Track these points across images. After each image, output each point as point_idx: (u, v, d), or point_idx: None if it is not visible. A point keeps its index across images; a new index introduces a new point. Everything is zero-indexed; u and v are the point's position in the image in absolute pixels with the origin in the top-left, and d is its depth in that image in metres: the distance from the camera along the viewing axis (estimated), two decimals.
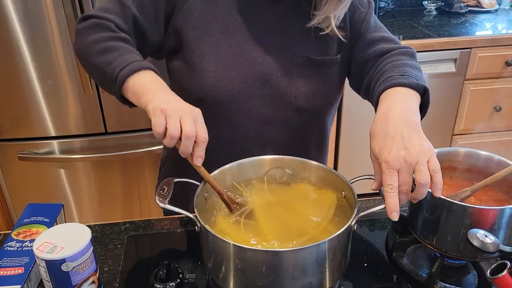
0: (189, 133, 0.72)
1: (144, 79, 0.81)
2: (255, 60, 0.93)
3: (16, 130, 1.87)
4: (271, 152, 0.90)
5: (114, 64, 0.82)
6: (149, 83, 0.80)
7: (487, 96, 2.24)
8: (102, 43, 0.85)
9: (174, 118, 0.72)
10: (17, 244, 0.82)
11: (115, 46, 0.85)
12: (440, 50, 2.10)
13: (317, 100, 0.97)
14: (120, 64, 0.81)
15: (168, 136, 0.72)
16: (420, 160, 0.69)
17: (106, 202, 2.05)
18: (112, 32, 0.88)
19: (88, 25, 0.89)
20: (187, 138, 0.72)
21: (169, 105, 0.74)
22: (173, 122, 0.72)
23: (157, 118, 0.73)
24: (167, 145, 0.74)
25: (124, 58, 0.82)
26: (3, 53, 1.73)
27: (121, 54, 0.83)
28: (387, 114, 0.76)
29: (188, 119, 0.73)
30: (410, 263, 0.84)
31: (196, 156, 0.75)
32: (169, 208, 0.75)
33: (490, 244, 0.69)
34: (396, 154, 0.70)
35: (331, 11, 0.89)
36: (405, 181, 0.69)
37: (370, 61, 0.95)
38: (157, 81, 0.81)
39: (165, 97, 0.77)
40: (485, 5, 2.56)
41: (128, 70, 0.80)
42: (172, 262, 0.81)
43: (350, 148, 2.27)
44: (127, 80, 0.80)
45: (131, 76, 0.80)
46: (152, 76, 0.82)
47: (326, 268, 0.72)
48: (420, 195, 0.70)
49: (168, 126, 0.72)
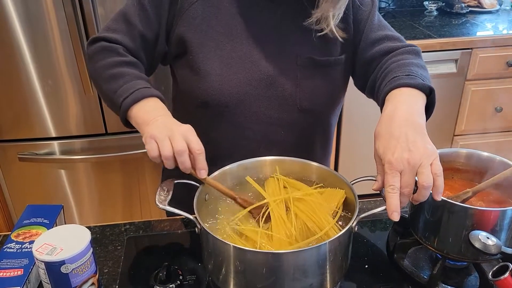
0: (179, 149, 0.74)
1: (146, 108, 0.83)
2: (259, 62, 0.93)
3: (16, 130, 1.87)
4: (271, 154, 0.90)
5: (118, 93, 0.85)
6: (150, 112, 0.83)
7: (488, 96, 2.23)
8: (109, 70, 0.89)
9: (164, 140, 0.75)
10: (16, 245, 0.81)
11: (121, 73, 0.88)
12: (440, 50, 2.10)
13: (321, 100, 0.97)
14: (124, 93, 0.84)
15: (163, 158, 0.75)
16: (424, 162, 0.69)
17: (106, 203, 2.05)
18: (120, 56, 0.91)
19: (97, 49, 0.92)
20: (179, 155, 0.75)
21: (158, 130, 0.77)
22: (163, 144, 0.75)
23: (148, 144, 0.76)
24: (168, 167, 0.76)
25: (128, 86, 0.85)
26: (3, 53, 1.73)
27: (126, 81, 0.87)
28: (393, 116, 0.75)
29: (176, 136, 0.75)
30: (411, 264, 0.84)
31: (198, 169, 0.77)
32: (169, 209, 0.75)
33: (492, 246, 0.69)
34: (400, 155, 0.70)
35: (329, 9, 0.88)
36: (407, 183, 0.69)
37: (375, 60, 0.94)
38: (157, 109, 0.84)
39: (162, 123, 0.79)
40: (486, 6, 2.55)
41: (131, 100, 0.83)
42: (172, 264, 0.81)
43: (351, 149, 2.26)
44: (130, 109, 0.84)
45: (133, 105, 0.83)
46: (154, 103, 0.84)
47: (327, 270, 0.71)
48: (422, 198, 0.70)
49: (160, 149, 0.75)
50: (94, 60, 0.92)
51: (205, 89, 0.93)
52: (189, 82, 0.96)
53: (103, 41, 0.93)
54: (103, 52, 0.91)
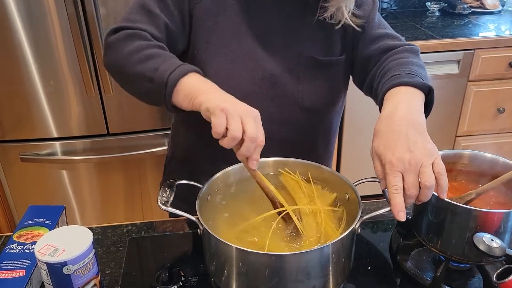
0: (253, 135, 0.70)
1: (196, 80, 0.79)
2: (263, 61, 0.93)
3: (18, 131, 1.87)
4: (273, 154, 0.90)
5: (161, 69, 0.79)
6: (201, 84, 0.78)
7: (491, 97, 2.23)
8: (142, 52, 0.82)
9: (236, 119, 0.70)
10: (18, 246, 0.81)
11: (157, 53, 0.82)
12: (443, 51, 2.10)
13: (323, 99, 0.97)
14: (169, 68, 0.78)
15: (229, 137, 0.69)
16: (425, 162, 0.68)
17: (108, 204, 2.05)
18: (149, 40, 0.85)
19: (122, 36, 0.86)
20: (251, 141, 0.70)
21: (230, 105, 0.71)
22: (234, 123, 0.69)
23: (217, 118, 0.70)
24: (225, 146, 0.71)
25: (170, 63, 0.80)
26: (5, 53, 1.73)
27: (165, 59, 0.81)
28: (392, 114, 0.75)
29: (250, 120, 0.71)
30: (414, 266, 0.83)
31: (253, 159, 0.73)
32: (171, 210, 0.75)
33: (496, 248, 0.68)
34: (401, 156, 0.69)
35: (342, 1, 0.88)
36: (411, 184, 0.69)
37: (374, 58, 0.94)
38: (208, 82, 0.79)
39: (222, 95, 0.75)
40: (488, 6, 2.55)
41: (179, 73, 0.78)
42: (174, 265, 0.81)
43: (353, 150, 2.26)
44: (179, 83, 0.77)
45: (181, 78, 0.78)
46: (202, 78, 0.80)
47: (329, 271, 0.71)
48: (425, 198, 0.69)
49: (229, 126, 0.69)
50: (118, 47, 0.85)
51: None
52: None
53: (127, 29, 0.86)
54: (129, 38, 0.85)
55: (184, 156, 1.08)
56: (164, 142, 1.94)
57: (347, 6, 0.90)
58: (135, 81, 0.84)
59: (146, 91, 0.83)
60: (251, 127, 0.70)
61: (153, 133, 1.93)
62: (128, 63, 0.83)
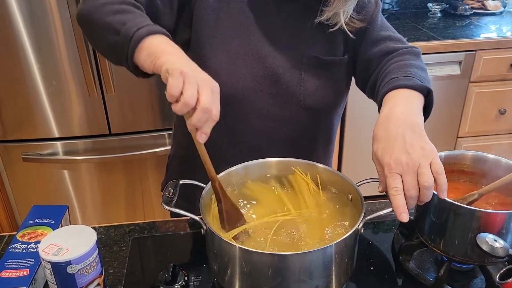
0: (207, 105, 0.66)
1: (162, 41, 0.75)
2: (265, 59, 0.94)
3: (21, 131, 1.88)
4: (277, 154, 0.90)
5: (129, 24, 0.75)
6: (167, 46, 0.74)
7: (492, 98, 2.23)
8: (115, 5, 0.80)
9: (193, 84, 0.66)
10: (22, 245, 0.81)
11: (130, 9, 0.80)
12: (444, 52, 2.10)
13: (325, 99, 0.97)
14: (137, 25, 0.75)
15: (182, 102, 0.65)
16: (422, 163, 0.69)
17: (109, 204, 2.05)
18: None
19: None
20: (204, 111, 0.66)
21: (190, 70, 0.68)
22: (190, 88, 0.66)
23: (174, 79, 0.66)
24: (177, 112, 0.67)
25: (140, 20, 0.77)
26: (8, 54, 1.73)
27: (137, 16, 0.78)
28: (389, 117, 0.76)
29: (207, 90, 0.67)
30: (417, 266, 0.83)
31: (202, 132, 0.69)
32: (174, 210, 0.75)
33: (499, 248, 0.68)
34: (398, 158, 0.70)
35: (340, 7, 0.89)
36: (410, 185, 0.69)
37: (375, 60, 0.95)
38: (174, 46, 0.75)
39: (185, 61, 0.72)
40: (490, 8, 2.55)
41: (146, 31, 0.74)
42: (177, 264, 0.81)
43: (354, 150, 2.26)
44: (143, 40, 0.74)
45: (148, 36, 0.74)
46: (169, 41, 0.77)
47: (332, 272, 0.71)
48: (425, 198, 0.70)
49: (184, 91, 0.65)
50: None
51: None
52: None
53: None
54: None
55: (186, 156, 1.08)
56: (166, 142, 1.94)
57: (345, 11, 0.90)
58: (102, 33, 0.80)
59: (111, 45, 0.79)
60: (206, 96, 0.66)
61: (155, 133, 1.94)
62: (99, 13, 0.80)
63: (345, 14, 0.91)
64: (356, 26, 0.94)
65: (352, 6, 0.90)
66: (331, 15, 0.90)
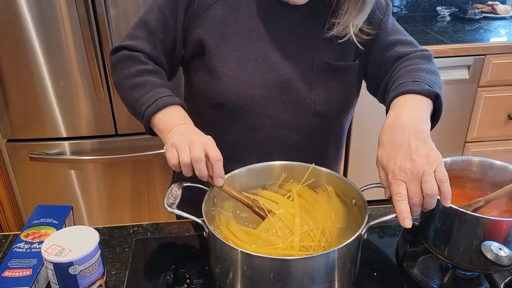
0: (196, 156, 0.75)
1: (168, 116, 0.86)
2: (275, 65, 0.93)
3: (28, 130, 1.89)
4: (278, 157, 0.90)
5: (141, 102, 0.88)
6: (171, 120, 0.85)
7: (501, 103, 2.21)
8: (132, 79, 0.92)
9: (184, 149, 0.77)
10: (25, 245, 0.82)
11: (143, 82, 0.91)
12: (453, 56, 2.08)
13: (335, 105, 0.97)
14: (146, 102, 0.87)
15: (181, 165, 0.76)
16: (426, 170, 0.68)
17: (115, 204, 2.06)
18: (142, 64, 0.93)
19: (120, 58, 0.96)
20: (196, 162, 0.76)
21: (180, 138, 0.79)
22: (183, 152, 0.76)
23: (169, 152, 0.78)
24: (186, 175, 0.78)
25: (150, 96, 0.88)
26: (17, 53, 1.75)
27: (148, 90, 0.89)
28: (395, 123, 0.75)
29: (196, 145, 0.77)
30: (421, 273, 0.83)
31: (215, 176, 0.78)
32: (176, 212, 0.75)
33: (504, 257, 0.67)
34: (403, 165, 0.70)
35: (351, 20, 0.88)
36: (414, 193, 0.69)
37: (387, 65, 0.94)
38: (179, 116, 0.86)
39: (183, 132, 0.81)
40: (500, 12, 2.53)
41: (153, 108, 0.86)
42: (179, 267, 0.81)
43: (360, 155, 2.25)
44: (153, 118, 0.86)
45: (156, 114, 0.86)
46: (176, 112, 0.87)
47: (335, 277, 0.71)
48: (429, 206, 0.69)
49: (180, 156, 0.77)
50: (117, 70, 0.96)
51: (221, 90, 0.93)
52: (205, 83, 0.96)
53: (125, 49, 0.95)
54: (125, 61, 0.94)
55: None
56: None
57: (354, 24, 0.90)
58: (127, 106, 0.95)
59: (135, 116, 0.93)
60: (194, 151, 0.76)
61: None
62: (122, 88, 0.95)
63: (354, 26, 0.90)
64: (365, 37, 0.93)
65: (362, 19, 0.90)
66: (342, 28, 0.90)
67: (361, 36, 0.93)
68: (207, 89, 0.95)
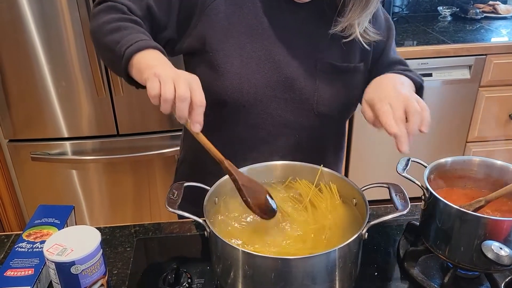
0: (182, 94, 0.70)
1: (149, 56, 0.80)
2: (279, 64, 0.93)
3: (30, 130, 1.90)
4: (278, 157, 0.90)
5: (122, 43, 0.82)
6: (153, 60, 0.79)
7: (502, 103, 2.21)
8: (112, 23, 0.86)
9: (168, 82, 0.71)
10: (27, 245, 0.82)
11: (124, 26, 0.85)
12: (454, 56, 2.08)
13: (338, 106, 0.97)
14: (127, 42, 0.81)
15: (162, 99, 0.71)
16: (409, 96, 0.78)
17: (117, 204, 2.06)
18: (124, 14, 0.88)
19: (102, 7, 0.90)
20: (180, 100, 0.70)
21: (164, 71, 0.73)
22: (166, 85, 0.71)
23: (151, 82, 0.72)
24: (163, 111, 0.72)
25: (132, 37, 0.82)
26: (18, 54, 1.75)
27: (130, 33, 0.84)
28: (380, 78, 0.85)
29: (182, 81, 0.71)
30: (422, 273, 0.83)
31: (193, 121, 0.73)
32: (178, 212, 0.75)
33: (505, 257, 0.67)
34: (388, 93, 0.79)
35: (355, 18, 0.89)
36: (397, 108, 0.76)
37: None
38: (160, 58, 0.80)
39: (168, 66, 0.76)
40: (501, 12, 2.52)
41: (135, 48, 0.80)
42: (181, 266, 0.81)
43: (361, 156, 2.25)
44: (133, 58, 0.80)
45: (136, 53, 0.80)
46: (157, 54, 0.81)
47: (336, 277, 0.71)
48: (415, 125, 0.75)
49: (162, 89, 0.71)
50: (98, 17, 0.90)
51: (224, 87, 0.92)
52: (207, 79, 0.94)
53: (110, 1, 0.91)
54: (108, 10, 0.89)
55: (195, 160, 1.08)
56: (173, 143, 1.94)
57: (360, 23, 0.90)
58: (103, 51, 0.88)
59: (110, 61, 0.87)
60: (180, 88, 0.70)
61: (163, 135, 1.94)
62: (100, 33, 0.87)
63: (360, 25, 0.91)
64: (371, 39, 0.94)
65: (367, 18, 0.90)
66: (346, 26, 0.90)
67: (367, 37, 0.93)
68: (210, 85, 0.94)
